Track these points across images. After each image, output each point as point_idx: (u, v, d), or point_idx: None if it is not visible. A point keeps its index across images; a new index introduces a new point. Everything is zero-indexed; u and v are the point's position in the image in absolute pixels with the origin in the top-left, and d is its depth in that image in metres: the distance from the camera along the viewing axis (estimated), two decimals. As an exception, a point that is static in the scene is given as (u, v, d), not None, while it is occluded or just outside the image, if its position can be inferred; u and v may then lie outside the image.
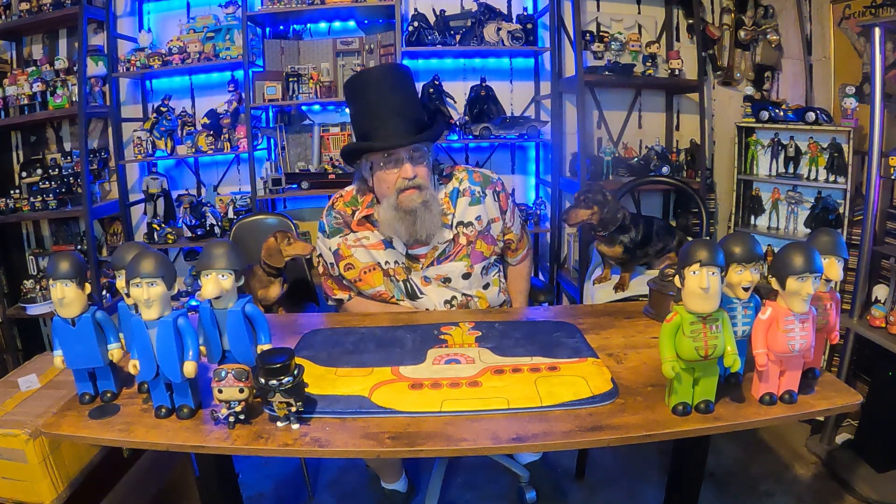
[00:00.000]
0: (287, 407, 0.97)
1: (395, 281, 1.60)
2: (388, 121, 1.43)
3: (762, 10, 2.82)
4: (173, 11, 2.93)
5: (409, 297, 1.61)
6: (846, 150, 2.32)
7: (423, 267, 1.58)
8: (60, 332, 1.05)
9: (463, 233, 1.58)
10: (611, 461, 2.16)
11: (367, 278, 1.60)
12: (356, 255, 1.60)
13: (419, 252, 1.58)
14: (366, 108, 1.48)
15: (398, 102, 1.45)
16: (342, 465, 2.13)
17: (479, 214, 1.60)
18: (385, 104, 1.45)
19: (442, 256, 1.58)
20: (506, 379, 1.13)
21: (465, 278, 1.60)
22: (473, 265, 1.59)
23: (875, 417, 2.00)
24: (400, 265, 1.59)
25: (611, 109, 2.97)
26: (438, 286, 1.60)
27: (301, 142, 2.97)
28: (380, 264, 1.59)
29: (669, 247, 1.82)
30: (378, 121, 1.44)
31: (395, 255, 1.58)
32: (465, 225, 1.59)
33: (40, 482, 1.30)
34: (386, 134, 1.43)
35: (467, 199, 1.60)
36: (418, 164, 1.46)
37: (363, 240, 1.59)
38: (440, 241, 1.57)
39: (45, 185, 2.77)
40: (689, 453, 1.35)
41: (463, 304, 1.62)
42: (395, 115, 1.43)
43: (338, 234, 1.62)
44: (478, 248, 1.60)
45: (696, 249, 0.94)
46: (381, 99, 1.45)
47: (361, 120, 1.50)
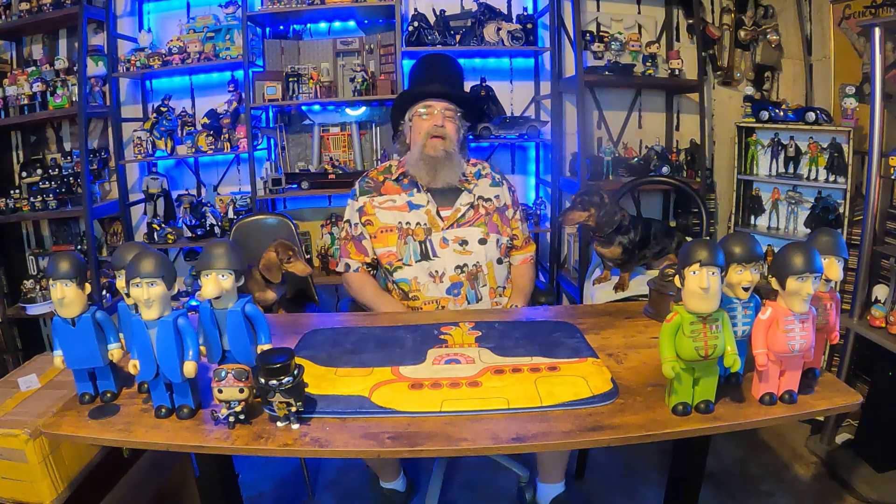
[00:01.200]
0: (287, 407, 0.97)
1: (411, 241, 1.73)
2: (433, 82, 1.78)
3: (762, 10, 2.82)
4: (173, 11, 2.92)
5: (423, 257, 1.72)
6: (846, 150, 2.32)
7: (444, 227, 1.73)
8: (60, 332, 1.05)
9: (482, 205, 1.80)
10: (611, 461, 2.16)
11: (381, 237, 1.76)
12: (378, 215, 1.77)
13: (445, 213, 1.76)
14: (421, 73, 1.86)
15: (445, 75, 1.81)
16: (342, 465, 2.13)
17: (498, 195, 1.84)
18: (436, 73, 1.81)
19: (462, 220, 1.76)
20: (506, 379, 1.13)
21: (482, 244, 1.74)
22: (490, 233, 1.76)
23: (875, 417, 2.00)
24: (421, 226, 1.74)
25: (611, 109, 2.97)
26: (454, 251, 1.72)
27: (301, 142, 2.97)
28: (401, 224, 1.74)
29: (668, 248, 1.82)
30: (426, 81, 1.80)
31: (418, 217, 1.75)
32: (485, 200, 1.81)
33: (40, 482, 1.30)
34: (429, 87, 1.77)
35: (488, 180, 1.86)
36: (448, 119, 1.75)
37: (390, 202, 1.78)
38: (461, 203, 1.78)
39: (45, 185, 2.77)
40: (689, 453, 1.35)
41: (472, 274, 1.71)
42: (441, 81, 1.78)
43: (366, 195, 1.82)
44: (494, 220, 1.79)
45: (696, 249, 0.94)
46: (434, 70, 1.83)
47: (415, 81, 1.87)
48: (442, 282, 1.69)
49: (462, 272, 1.71)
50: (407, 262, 1.71)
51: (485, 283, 1.72)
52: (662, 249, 1.82)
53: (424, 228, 1.73)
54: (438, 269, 1.70)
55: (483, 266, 1.73)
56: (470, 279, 1.71)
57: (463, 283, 1.70)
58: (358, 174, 2.77)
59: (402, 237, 1.73)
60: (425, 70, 1.85)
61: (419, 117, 1.76)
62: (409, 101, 1.80)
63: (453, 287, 1.69)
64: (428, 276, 1.70)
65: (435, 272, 1.70)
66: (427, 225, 1.74)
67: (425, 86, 1.78)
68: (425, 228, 1.73)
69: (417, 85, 1.83)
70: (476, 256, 1.72)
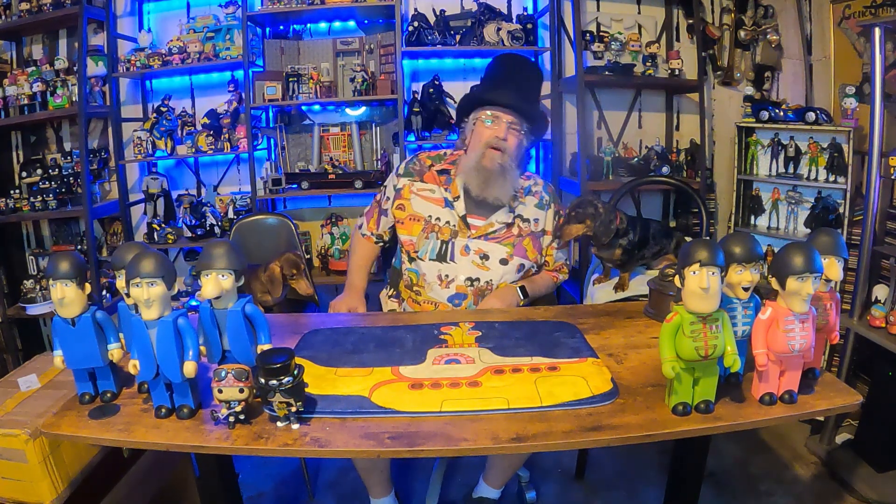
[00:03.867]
0: (287, 407, 0.97)
1: (433, 238, 1.68)
2: (510, 90, 1.65)
3: (762, 10, 2.82)
4: (173, 11, 2.93)
5: (438, 258, 1.67)
6: (846, 150, 2.32)
7: (470, 237, 1.67)
8: (60, 332, 1.05)
9: (519, 225, 1.71)
10: (611, 461, 2.16)
11: (408, 224, 1.71)
12: (412, 202, 1.72)
13: (475, 223, 1.69)
14: (498, 75, 1.72)
15: (522, 83, 1.69)
16: (342, 466, 2.13)
17: (538, 218, 1.75)
18: (514, 79, 1.68)
19: (492, 235, 1.68)
20: (506, 379, 1.13)
21: (503, 264, 1.67)
22: (514, 256, 1.68)
23: (875, 417, 2.00)
24: (449, 226, 1.68)
25: (611, 109, 2.97)
26: (472, 262, 1.66)
27: (301, 142, 2.97)
28: (430, 218, 1.69)
29: (666, 249, 1.82)
30: (502, 87, 1.66)
31: (450, 216, 1.69)
32: (524, 220, 1.72)
33: (40, 482, 1.30)
34: (501, 95, 1.64)
35: (535, 200, 1.76)
36: (512, 133, 1.63)
37: (428, 192, 1.72)
38: (498, 219, 1.69)
39: (45, 185, 2.77)
40: (689, 453, 1.35)
41: (480, 291, 1.66)
42: (517, 91, 1.65)
43: (408, 177, 1.76)
44: (524, 244, 1.71)
45: (696, 249, 0.94)
46: (513, 75, 1.70)
47: (489, 81, 1.74)
48: (448, 288, 1.65)
49: (471, 285, 1.65)
50: (422, 256, 1.68)
51: None
52: (661, 250, 1.82)
53: (452, 229, 1.68)
54: (449, 274, 1.65)
55: (494, 285, 1.67)
56: (476, 294, 1.66)
57: (468, 295, 1.65)
58: (358, 174, 2.80)
59: (426, 231, 1.68)
60: (502, 73, 1.72)
61: (483, 123, 1.64)
62: (476, 102, 1.69)
63: (457, 296, 1.65)
64: (436, 277, 1.66)
65: (445, 276, 1.66)
66: (456, 227, 1.68)
67: (498, 91, 1.65)
68: (452, 230, 1.68)
69: (490, 87, 1.70)
70: (491, 274, 1.66)
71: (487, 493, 1.77)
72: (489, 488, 1.77)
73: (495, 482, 1.76)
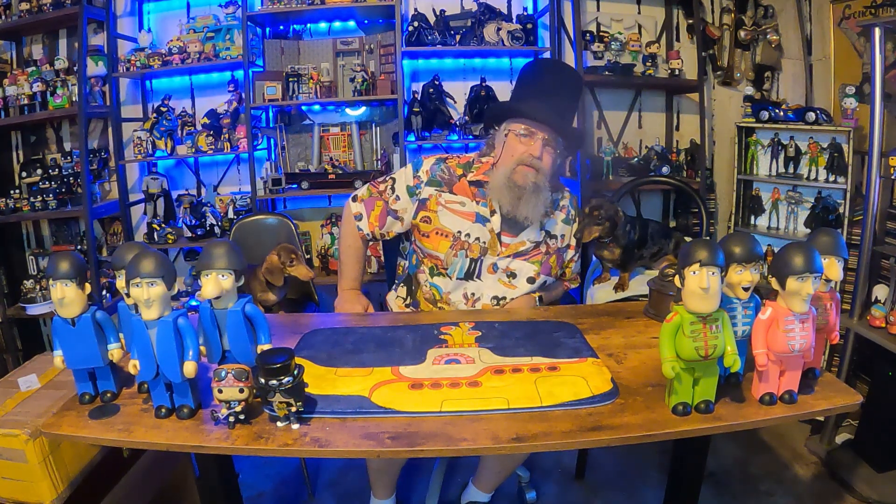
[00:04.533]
0: (287, 407, 0.97)
1: (462, 256, 1.59)
2: (547, 101, 1.52)
3: (762, 10, 2.82)
4: (173, 11, 2.93)
5: (465, 276, 1.60)
6: (846, 150, 2.32)
7: (500, 255, 1.60)
8: (60, 332, 1.05)
9: (547, 242, 1.66)
10: (611, 461, 2.16)
11: (434, 239, 1.61)
12: (440, 215, 1.61)
13: (506, 240, 1.61)
14: (536, 84, 1.57)
15: (562, 97, 1.55)
16: (342, 465, 2.13)
17: (564, 233, 1.70)
18: (553, 90, 1.54)
19: (522, 253, 1.62)
20: (506, 379, 1.13)
21: (530, 282, 1.62)
22: (541, 274, 1.63)
23: (875, 417, 2.00)
24: (479, 243, 1.59)
25: (611, 109, 2.97)
26: (499, 280, 1.61)
27: (301, 142, 2.97)
28: (459, 234, 1.59)
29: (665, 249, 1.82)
30: (539, 98, 1.53)
31: (480, 232, 1.60)
32: (552, 236, 1.67)
33: (40, 482, 1.30)
34: (540, 108, 1.51)
35: (563, 215, 1.69)
36: (546, 151, 1.53)
37: (457, 204, 1.61)
38: (529, 238, 1.62)
39: (45, 185, 2.77)
40: (689, 453, 1.35)
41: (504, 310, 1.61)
42: (554, 103, 1.52)
43: (436, 186, 1.63)
44: (551, 261, 1.66)
45: (696, 249, 0.94)
46: (553, 86, 1.55)
47: (527, 91, 1.58)
48: (474, 306, 1.60)
49: (497, 304, 1.60)
50: (450, 274, 1.60)
51: None
52: (660, 250, 1.82)
53: (481, 247, 1.59)
54: (475, 293, 1.60)
55: None
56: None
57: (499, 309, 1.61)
58: (358, 174, 2.80)
59: (455, 249, 1.58)
60: (541, 82, 1.57)
61: (516, 136, 1.53)
62: (511, 112, 1.57)
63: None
64: (461, 296, 1.60)
65: (471, 295, 1.60)
66: (486, 245, 1.59)
67: (535, 103, 1.52)
68: (482, 247, 1.59)
69: (527, 96, 1.56)
70: (518, 292, 1.61)
71: (478, 498, 1.76)
72: (479, 492, 1.77)
73: (486, 486, 1.76)
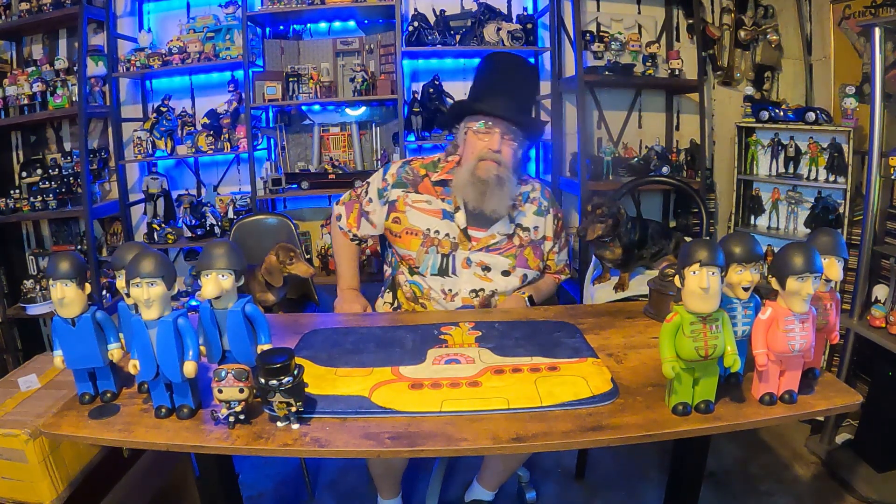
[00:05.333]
0: (287, 407, 0.97)
1: (433, 252, 1.62)
2: (501, 96, 1.55)
3: (762, 10, 2.82)
4: (173, 11, 2.93)
5: (440, 273, 1.62)
6: (846, 150, 2.32)
7: (471, 249, 1.63)
8: (60, 332, 1.05)
9: (519, 234, 1.67)
10: (611, 461, 2.16)
11: (405, 238, 1.65)
12: (408, 214, 1.65)
13: (475, 234, 1.64)
14: (489, 79, 1.61)
15: (518, 89, 1.58)
16: (342, 466, 2.13)
17: (538, 225, 1.71)
18: (506, 83, 1.58)
19: (493, 247, 1.64)
20: (506, 379, 1.13)
21: (504, 275, 1.64)
22: (517, 267, 1.65)
23: (875, 417, 2.00)
24: (449, 239, 1.63)
25: (611, 109, 2.97)
26: (475, 274, 1.63)
27: (301, 142, 2.97)
28: (428, 232, 1.63)
29: (665, 249, 1.82)
30: (493, 93, 1.56)
31: (449, 228, 1.63)
32: (524, 229, 1.68)
33: (40, 482, 1.30)
34: (495, 104, 1.54)
35: (534, 207, 1.71)
36: (506, 144, 1.56)
37: (424, 203, 1.66)
38: (499, 231, 1.65)
39: (45, 185, 2.78)
40: (689, 453, 1.35)
41: (485, 299, 1.64)
42: (509, 96, 1.55)
43: (402, 188, 1.68)
44: (525, 254, 1.67)
45: (696, 249, 0.94)
46: (507, 80, 1.58)
47: (480, 87, 1.62)
48: (453, 301, 1.62)
49: (476, 296, 1.62)
50: (423, 272, 1.63)
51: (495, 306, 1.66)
52: (660, 250, 1.82)
53: (452, 242, 1.62)
54: (452, 289, 1.62)
55: (498, 294, 1.65)
56: (482, 304, 1.63)
57: (474, 305, 1.63)
58: (358, 174, 2.79)
59: (426, 246, 1.62)
60: (495, 77, 1.60)
61: (475, 133, 1.57)
62: (468, 110, 1.61)
63: (462, 308, 1.62)
64: (440, 292, 1.63)
65: (448, 290, 1.62)
66: (456, 240, 1.62)
67: (490, 99, 1.55)
68: (453, 242, 1.62)
69: (483, 93, 1.59)
70: (495, 285, 1.63)
71: (482, 496, 1.77)
72: (484, 490, 1.77)
73: (490, 484, 1.76)
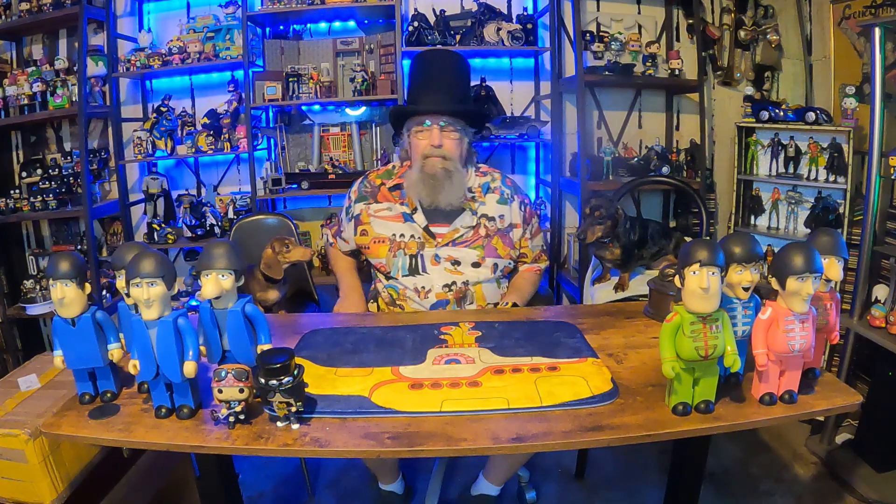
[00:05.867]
0: (287, 407, 0.97)
1: (401, 255, 1.66)
2: (431, 92, 1.61)
3: (762, 10, 2.82)
4: (173, 11, 2.93)
5: (411, 272, 1.66)
6: (846, 150, 2.32)
7: (437, 245, 1.65)
8: (60, 332, 1.05)
9: (485, 225, 1.69)
10: (611, 461, 2.16)
11: (374, 248, 1.70)
12: (372, 224, 1.71)
13: (439, 231, 1.67)
14: (417, 79, 1.67)
15: (445, 82, 1.62)
16: (342, 465, 2.13)
17: (503, 213, 1.72)
18: (434, 80, 1.63)
19: (459, 240, 1.67)
20: (506, 379, 1.13)
21: (475, 267, 1.66)
22: (486, 257, 1.67)
23: (875, 417, 2.00)
24: (415, 239, 1.67)
25: (611, 109, 2.97)
26: (445, 269, 1.65)
27: (301, 142, 2.97)
28: (394, 237, 1.68)
29: (665, 249, 1.83)
30: (424, 91, 1.62)
31: (412, 230, 1.68)
32: (489, 219, 1.70)
33: (40, 482, 1.30)
34: (426, 101, 1.60)
35: (497, 196, 1.73)
36: (446, 136, 1.60)
37: (385, 210, 1.71)
38: (462, 224, 1.67)
39: (45, 185, 2.77)
40: (689, 453, 1.35)
41: (460, 293, 1.65)
42: (438, 91, 1.60)
43: (363, 201, 1.75)
44: (493, 243, 1.69)
45: (696, 249, 0.94)
46: (433, 75, 1.64)
47: (412, 89, 1.69)
48: (427, 297, 1.65)
49: (450, 290, 1.65)
50: (394, 275, 1.67)
51: (472, 301, 1.67)
52: (660, 250, 1.82)
53: (418, 242, 1.66)
54: (425, 286, 1.65)
55: (471, 287, 1.67)
56: (457, 297, 1.65)
57: (449, 300, 1.65)
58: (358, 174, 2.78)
59: (393, 250, 1.67)
60: (422, 76, 1.66)
61: (415, 134, 1.62)
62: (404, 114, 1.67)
63: (438, 304, 1.65)
64: (414, 291, 1.66)
65: (421, 287, 1.65)
66: (420, 239, 1.67)
67: (422, 99, 1.61)
68: (419, 242, 1.66)
69: (414, 94, 1.66)
70: (467, 276, 1.66)
71: (488, 490, 1.77)
72: (490, 485, 1.77)
73: (496, 479, 1.76)
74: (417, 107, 1.61)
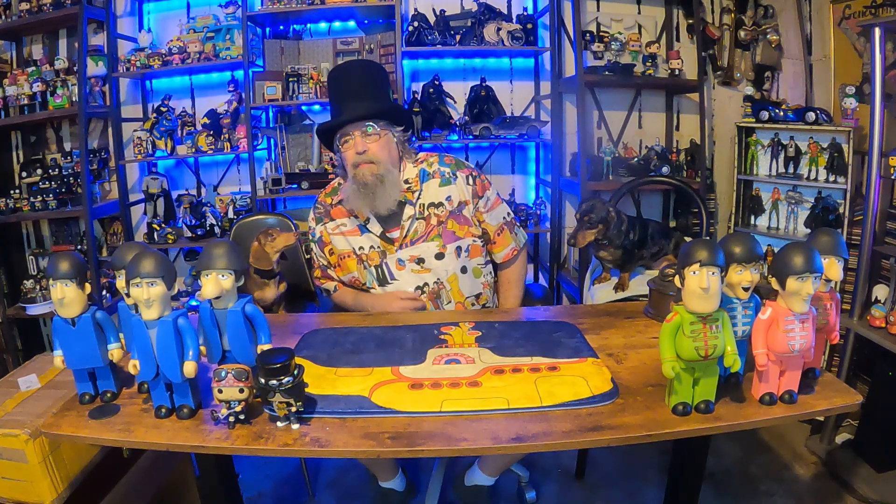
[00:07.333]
0: (287, 407, 0.97)
1: (367, 267, 1.67)
2: (345, 102, 1.60)
3: (762, 10, 2.82)
4: (173, 11, 2.93)
5: (381, 283, 1.66)
6: (846, 150, 2.32)
7: (396, 248, 1.64)
8: (60, 332, 1.05)
9: (434, 213, 1.65)
10: (611, 461, 2.16)
11: (343, 264, 1.71)
12: (334, 242, 1.72)
13: (394, 235, 1.65)
14: (332, 94, 1.65)
15: (357, 90, 1.60)
16: (342, 465, 2.13)
17: (450, 195, 1.66)
18: (346, 90, 1.61)
19: (414, 237, 1.64)
20: (506, 379, 1.13)
21: (439, 259, 1.64)
22: (446, 245, 1.64)
23: (875, 417, 2.00)
24: (375, 249, 1.66)
25: (611, 109, 2.97)
26: (412, 271, 1.64)
27: (301, 142, 2.97)
28: (355, 251, 1.68)
29: (665, 249, 1.83)
30: (340, 102, 1.62)
31: (370, 241, 1.67)
32: (436, 206, 1.65)
33: (40, 482, 1.30)
34: (341, 112, 1.60)
35: (437, 180, 1.67)
36: (369, 141, 1.57)
37: (341, 226, 1.71)
38: (406, 218, 1.64)
39: (45, 185, 2.78)
40: (689, 453, 1.35)
41: (434, 293, 1.64)
42: (353, 99, 1.59)
43: (320, 223, 1.75)
44: (449, 227, 1.65)
45: (696, 249, 0.94)
46: (345, 86, 1.62)
47: (331, 106, 1.68)
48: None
49: (423, 293, 1.64)
50: (370, 286, 1.68)
51: (449, 299, 1.65)
52: (660, 250, 1.82)
53: (379, 252, 1.66)
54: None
55: (444, 282, 1.64)
56: (432, 298, 1.64)
57: (424, 304, 1.64)
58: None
59: (361, 263, 1.67)
60: (335, 89, 1.65)
61: (343, 146, 1.61)
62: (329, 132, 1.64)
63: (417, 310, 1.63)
64: None
65: None
66: (380, 248, 1.65)
67: (339, 112, 1.61)
68: (379, 252, 1.66)
69: (333, 110, 1.66)
70: (435, 273, 1.63)
71: (482, 481, 1.77)
72: (484, 475, 1.77)
73: (491, 470, 1.76)
74: (337, 120, 1.59)
